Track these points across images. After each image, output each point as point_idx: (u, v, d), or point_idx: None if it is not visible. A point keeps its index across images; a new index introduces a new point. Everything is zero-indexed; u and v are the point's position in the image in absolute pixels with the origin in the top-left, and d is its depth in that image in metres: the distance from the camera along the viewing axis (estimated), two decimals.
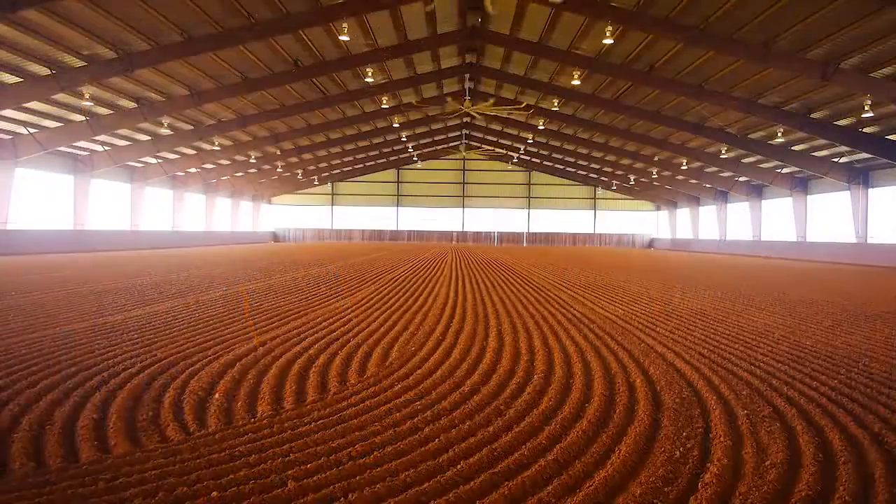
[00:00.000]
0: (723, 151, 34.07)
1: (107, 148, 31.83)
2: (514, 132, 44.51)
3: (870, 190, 31.80)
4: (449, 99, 32.10)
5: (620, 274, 18.31)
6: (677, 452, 3.50)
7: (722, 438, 3.68)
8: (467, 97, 32.49)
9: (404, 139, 46.06)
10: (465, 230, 60.50)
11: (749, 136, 30.23)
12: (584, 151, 44.47)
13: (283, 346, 6.28)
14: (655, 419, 4.10)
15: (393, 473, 3.13)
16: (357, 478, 3.06)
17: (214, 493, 2.88)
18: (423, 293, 11.51)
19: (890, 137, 25.46)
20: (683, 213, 53.71)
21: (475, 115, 34.71)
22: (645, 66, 24.05)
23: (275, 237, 58.27)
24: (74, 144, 29.25)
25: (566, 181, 58.55)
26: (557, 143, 44.10)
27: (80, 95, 22.69)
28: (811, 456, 3.42)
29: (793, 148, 30.79)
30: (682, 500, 2.93)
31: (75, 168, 31.87)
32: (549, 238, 59.45)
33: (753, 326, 8.09)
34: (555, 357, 5.99)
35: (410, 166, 58.28)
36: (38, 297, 9.78)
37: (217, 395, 4.53)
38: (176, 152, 36.48)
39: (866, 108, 21.46)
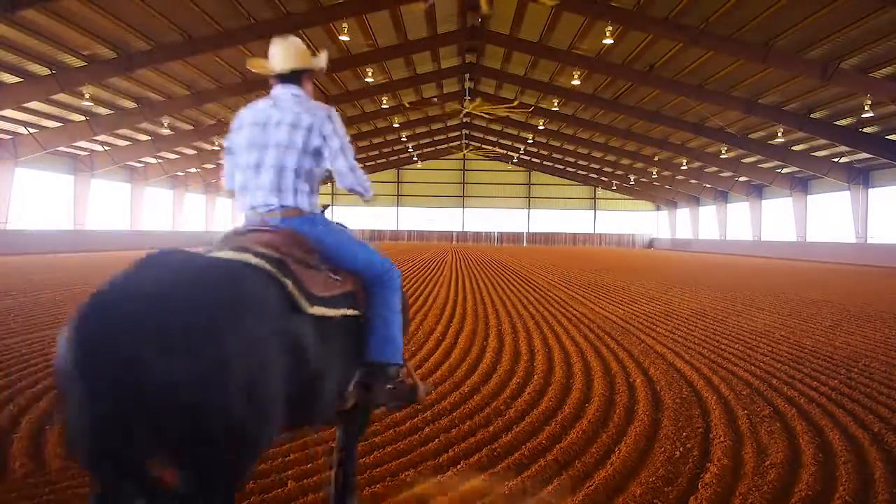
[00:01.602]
0: (723, 151, 34.05)
1: (107, 148, 31.80)
2: (514, 132, 44.49)
3: (870, 190, 31.79)
4: (444, 101, 32.07)
5: (620, 274, 18.31)
6: (677, 452, 3.50)
7: (722, 438, 3.68)
8: (467, 97, 32.49)
9: (404, 139, 46.05)
10: (465, 230, 60.47)
11: (749, 136, 30.21)
12: (584, 151, 44.45)
13: None
14: (655, 419, 4.10)
15: (393, 473, 3.14)
16: (357, 478, 3.06)
17: None
18: (422, 293, 11.51)
19: (890, 137, 25.43)
20: (683, 213, 53.69)
21: (476, 114, 34.69)
22: (645, 66, 24.04)
23: None
24: (74, 144, 29.22)
25: (566, 181, 58.52)
26: (557, 143, 44.08)
27: (80, 95, 22.67)
28: (811, 456, 3.43)
29: (793, 148, 30.76)
30: (682, 500, 2.93)
31: (75, 168, 31.85)
32: (549, 238, 59.41)
33: (753, 326, 8.09)
34: (555, 357, 5.99)
35: (410, 166, 58.22)
36: (39, 297, 9.78)
37: None
38: (176, 152, 36.46)
39: (866, 108, 21.44)
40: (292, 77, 2.48)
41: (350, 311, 2.23)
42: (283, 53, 2.47)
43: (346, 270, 2.35)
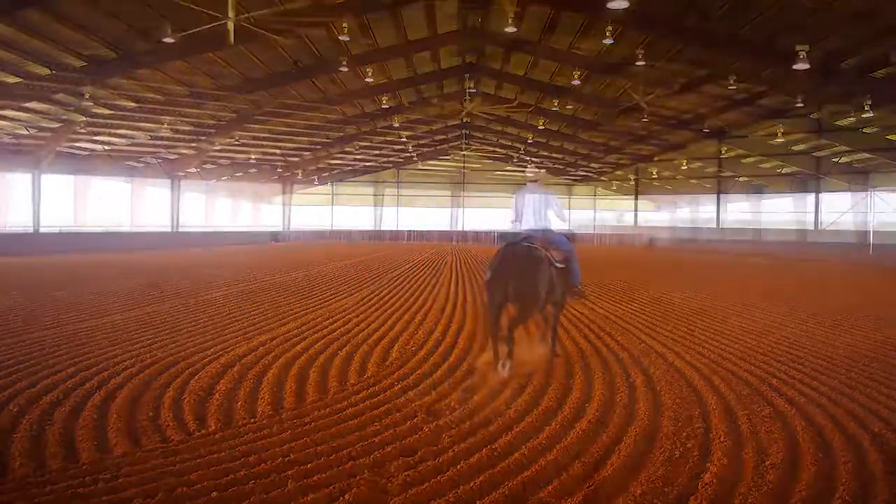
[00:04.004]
0: (723, 151, 34.04)
1: (107, 148, 31.82)
2: (514, 132, 44.47)
3: (870, 190, 31.83)
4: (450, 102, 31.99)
5: (620, 273, 18.30)
6: (677, 452, 3.50)
7: (722, 438, 3.68)
8: (467, 97, 32.43)
9: (404, 139, 46.00)
10: (465, 230, 60.46)
11: (749, 134, 30.21)
12: (584, 151, 44.47)
13: (284, 346, 6.28)
14: (655, 419, 4.10)
15: (393, 473, 3.14)
16: (357, 478, 3.06)
17: (214, 494, 2.88)
18: (422, 293, 11.51)
19: (890, 137, 25.43)
20: (683, 213, 53.73)
21: (476, 114, 34.65)
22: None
23: (275, 237, 58.22)
24: (74, 144, 29.21)
25: (566, 181, 58.53)
26: (557, 143, 44.07)
27: (80, 95, 22.64)
28: (811, 456, 3.42)
29: (793, 148, 30.76)
30: (682, 500, 2.93)
31: (76, 168, 31.84)
32: None
33: (753, 326, 8.09)
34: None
35: (410, 166, 58.20)
36: (38, 297, 9.78)
37: (216, 396, 4.53)
38: (176, 152, 36.47)
39: (866, 108, 21.42)
40: (535, 179, 6.40)
41: (563, 266, 5.77)
42: (531, 173, 6.42)
43: (561, 250, 5.85)
